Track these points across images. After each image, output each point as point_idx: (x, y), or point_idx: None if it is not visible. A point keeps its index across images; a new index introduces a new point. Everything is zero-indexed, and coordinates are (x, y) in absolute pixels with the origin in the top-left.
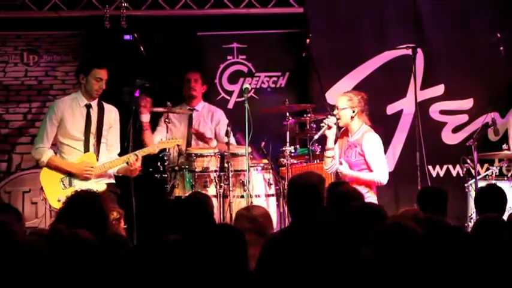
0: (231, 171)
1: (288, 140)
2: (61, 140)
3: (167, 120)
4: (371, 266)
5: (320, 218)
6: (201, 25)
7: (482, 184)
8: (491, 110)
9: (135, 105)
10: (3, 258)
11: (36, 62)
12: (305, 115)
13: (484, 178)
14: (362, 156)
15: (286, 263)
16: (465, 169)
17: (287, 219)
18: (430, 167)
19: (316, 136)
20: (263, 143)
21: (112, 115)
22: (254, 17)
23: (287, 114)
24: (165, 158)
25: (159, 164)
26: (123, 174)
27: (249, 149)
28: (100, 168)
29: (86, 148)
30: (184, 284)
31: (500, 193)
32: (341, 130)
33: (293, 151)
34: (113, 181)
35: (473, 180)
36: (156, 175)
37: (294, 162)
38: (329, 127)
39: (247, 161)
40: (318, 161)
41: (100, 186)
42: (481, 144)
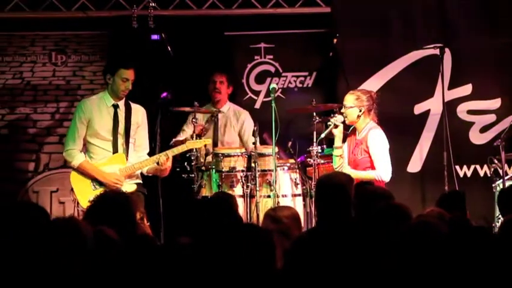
0: (258, 171)
1: (315, 140)
2: (89, 140)
3: (194, 120)
4: (397, 266)
5: (347, 218)
6: (229, 25)
7: (510, 184)
8: None
9: (162, 107)
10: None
11: (64, 62)
12: (332, 115)
13: None
14: (367, 153)
15: (313, 263)
16: (492, 169)
17: (314, 219)
18: (458, 167)
19: (322, 135)
20: (290, 143)
21: (139, 115)
22: (281, 17)
23: (314, 114)
24: (192, 158)
25: (186, 164)
26: (153, 174)
27: (276, 149)
28: (130, 168)
29: (115, 148)
30: (211, 284)
31: None
32: (350, 129)
33: (320, 151)
34: (140, 181)
35: (500, 180)
36: (183, 175)
37: (321, 162)
38: (335, 126)
39: (274, 161)
40: None
41: (130, 187)
42: (509, 144)
